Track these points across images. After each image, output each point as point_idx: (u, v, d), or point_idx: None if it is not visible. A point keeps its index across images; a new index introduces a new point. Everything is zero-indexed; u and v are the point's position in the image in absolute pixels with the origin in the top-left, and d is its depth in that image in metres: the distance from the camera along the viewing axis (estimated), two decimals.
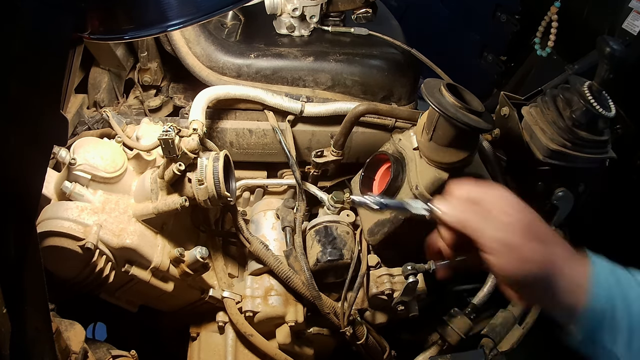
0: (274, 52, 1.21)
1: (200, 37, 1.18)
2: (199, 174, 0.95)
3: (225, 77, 1.20)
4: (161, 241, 1.00)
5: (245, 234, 1.09)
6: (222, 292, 1.08)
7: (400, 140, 1.13)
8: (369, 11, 1.29)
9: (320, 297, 1.07)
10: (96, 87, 1.26)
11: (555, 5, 1.79)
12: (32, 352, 0.63)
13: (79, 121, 1.21)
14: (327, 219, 1.14)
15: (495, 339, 1.17)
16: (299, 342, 1.16)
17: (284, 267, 1.07)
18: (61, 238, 0.89)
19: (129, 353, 1.02)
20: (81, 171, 0.95)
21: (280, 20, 1.28)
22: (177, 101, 1.29)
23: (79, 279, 0.96)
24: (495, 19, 2.07)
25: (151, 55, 1.30)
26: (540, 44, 1.91)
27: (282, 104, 1.18)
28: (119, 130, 1.08)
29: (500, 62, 2.15)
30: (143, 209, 0.97)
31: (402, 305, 1.12)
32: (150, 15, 0.65)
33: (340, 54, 1.23)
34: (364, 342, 1.11)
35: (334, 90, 1.23)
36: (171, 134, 0.90)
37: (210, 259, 1.09)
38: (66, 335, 0.87)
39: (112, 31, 0.67)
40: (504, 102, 1.22)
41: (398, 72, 1.25)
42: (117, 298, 1.06)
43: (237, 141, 1.22)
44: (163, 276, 1.01)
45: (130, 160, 1.04)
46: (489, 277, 1.22)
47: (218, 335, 1.14)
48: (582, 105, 1.04)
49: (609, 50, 0.96)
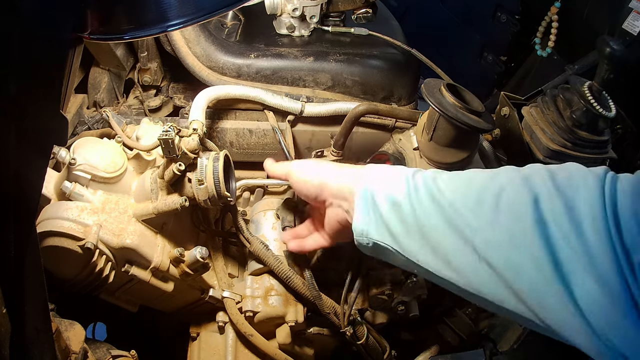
0: (274, 52, 1.21)
1: (200, 37, 1.18)
2: (199, 174, 0.95)
3: (225, 77, 1.20)
4: (161, 241, 1.00)
5: (245, 234, 1.09)
6: (222, 292, 1.08)
7: (401, 140, 1.13)
8: (369, 11, 1.29)
9: (320, 297, 1.07)
10: (96, 87, 1.26)
11: (556, 6, 1.79)
12: (32, 352, 0.63)
13: (79, 121, 1.21)
14: None
15: (495, 339, 1.17)
16: (299, 342, 1.16)
17: (284, 267, 1.07)
18: (61, 238, 0.89)
19: (129, 353, 1.02)
20: (81, 171, 0.95)
21: (280, 21, 1.28)
22: (177, 101, 1.29)
23: (78, 279, 0.96)
24: (495, 19, 2.07)
25: (151, 55, 1.30)
26: (540, 44, 1.91)
27: (282, 104, 1.18)
28: (119, 130, 1.08)
29: (500, 62, 2.15)
30: (143, 209, 0.97)
31: (402, 305, 1.12)
32: (150, 15, 0.65)
33: (341, 54, 1.23)
34: (364, 342, 1.11)
35: (334, 91, 1.23)
36: (171, 134, 0.90)
37: (210, 259, 1.09)
38: (66, 335, 0.87)
39: (112, 31, 0.67)
40: (504, 102, 1.22)
41: (398, 72, 1.25)
42: (117, 298, 1.06)
43: (237, 141, 1.22)
44: (163, 276, 1.01)
45: (130, 160, 1.04)
46: None
47: (218, 335, 1.14)
48: (582, 105, 1.04)
49: (609, 51, 0.96)
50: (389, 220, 0.75)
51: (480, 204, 0.66)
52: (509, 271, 0.61)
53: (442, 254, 0.69)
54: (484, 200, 0.66)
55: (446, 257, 0.68)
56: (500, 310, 0.65)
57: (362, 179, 0.82)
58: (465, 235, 0.65)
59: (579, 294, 0.55)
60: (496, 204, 0.64)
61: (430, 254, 0.70)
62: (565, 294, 0.56)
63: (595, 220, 0.56)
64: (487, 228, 0.64)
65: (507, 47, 2.12)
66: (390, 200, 0.75)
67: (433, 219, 0.69)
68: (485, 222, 0.64)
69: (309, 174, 0.91)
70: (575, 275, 0.56)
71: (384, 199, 0.76)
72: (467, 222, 0.66)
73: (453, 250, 0.67)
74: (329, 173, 0.89)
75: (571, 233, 0.57)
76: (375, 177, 0.81)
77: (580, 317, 0.55)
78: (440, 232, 0.68)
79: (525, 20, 2.01)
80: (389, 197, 0.76)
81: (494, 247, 0.63)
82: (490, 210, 0.64)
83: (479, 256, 0.64)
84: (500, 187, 0.66)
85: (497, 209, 0.64)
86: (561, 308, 0.57)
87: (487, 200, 0.65)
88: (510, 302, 0.62)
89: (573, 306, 0.56)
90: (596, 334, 0.54)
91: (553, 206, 0.60)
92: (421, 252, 0.71)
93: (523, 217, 0.61)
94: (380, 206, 0.76)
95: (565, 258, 0.57)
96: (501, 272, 0.62)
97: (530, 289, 0.60)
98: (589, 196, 0.58)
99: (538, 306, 0.59)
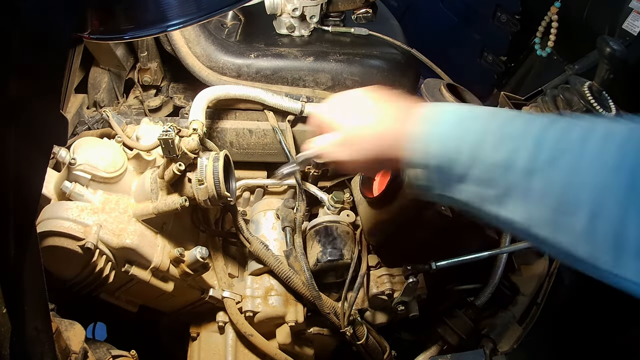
0: (274, 52, 1.21)
1: (200, 37, 1.18)
2: (199, 174, 0.95)
3: (225, 77, 1.20)
4: (161, 241, 1.00)
5: (245, 234, 1.09)
6: (222, 292, 1.08)
7: None
8: (369, 11, 1.29)
9: (320, 297, 1.07)
10: (96, 87, 1.26)
11: (556, 6, 1.79)
12: (32, 352, 0.63)
13: (79, 121, 1.21)
14: (327, 219, 1.14)
15: (495, 339, 1.17)
16: (299, 342, 1.16)
17: (284, 267, 1.07)
18: (61, 238, 0.89)
19: (129, 353, 1.02)
20: (81, 171, 0.95)
21: (280, 20, 1.28)
22: (177, 101, 1.29)
23: (79, 279, 0.96)
24: (495, 19, 2.07)
25: (151, 55, 1.30)
26: (540, 44, 1.91)
27: (282, 104, 1.18)
28: (119, 130, 1.08)
29: (500, 62, 2.15)
30: (143, 209, 0.97)
31: (402, 305, 1.12)
32: (150, 15, 0.65)
33: (341, 54, 1.23)
34: (364, 342, 1.11)
35: (334, 90, 1.23)
36: (171, 134, 0.90)
37: (210, 259, 1.09)
38: (66, 335, 0.87)
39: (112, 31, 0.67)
40: (504, 102, 1.22)
41: (398, 72, 1.25)
42: (117, 298, 1.06)
43: (237, 141, 1.22)
44: (163, 276, 1.01)
45: (130, 160, 1.04)
46: (490, 277, 1.22)
47: (218, 335, 1.14)
48: (582, 105, 1.04)
49: (609, 51, 0.96)
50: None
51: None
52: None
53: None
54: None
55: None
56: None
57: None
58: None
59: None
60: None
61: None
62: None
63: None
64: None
65: (507, 47, 2.12)
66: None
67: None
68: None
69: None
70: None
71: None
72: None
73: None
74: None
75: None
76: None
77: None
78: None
79: (525, 20, 2.01)
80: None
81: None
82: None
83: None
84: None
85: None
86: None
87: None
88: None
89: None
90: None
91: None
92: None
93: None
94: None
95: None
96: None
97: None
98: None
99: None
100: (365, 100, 0.78)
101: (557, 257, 0.61)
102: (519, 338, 1.19)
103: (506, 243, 1.16)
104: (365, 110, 0.77)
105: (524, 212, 0.62)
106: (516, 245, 1.14)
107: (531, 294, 1.26)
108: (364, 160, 0.77)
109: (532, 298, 1.26)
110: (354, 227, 1.17)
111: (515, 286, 1.28)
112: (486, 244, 1.14)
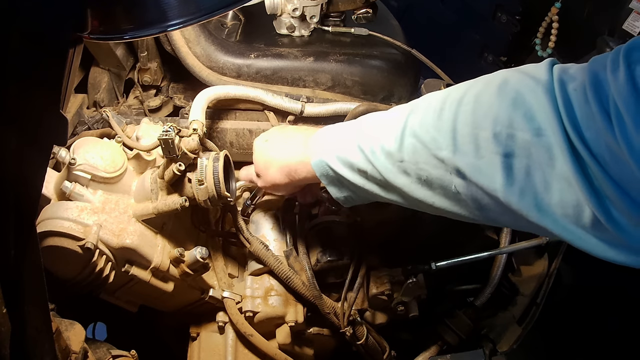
0: (274, 52, 1.21)
1: (200, 37, 1.18)
2: (199, 174, 0.95)
3: (225, 77, 1.20)
4: (161, 241, 1.00)
5: (245, 234, 1.09)
6: (222, 292, 1.08)
7: None
8: (369, 11, 1.29)
9: (320, 297, 1.07)
10: (96, 87, 1.26)
11: (556, 6, 1.79)
12: (32, 352, 0.63)
13: (78, 121, 1.21)
14: (328, 219, 1.14)
15: (495, 339, 1.17)
16: (299, 342, 1.16)
17: (284, 267, 1.07)
18: (61, 238, 0.89)
19: (129, 353, 1.02)
20: (81, 171, 0.95)
21: (280, 20, 1.29)
22: (177, 101, 1.29)
23: (79, 279, 0.96)
24: (495, 19, 2.07)
25: (151, 55, 1.30)
26: (540, 44, 1.91)
27: (282, 104, 1.18)
28: (119, 130, 1.08)
29: (500, 62, 2.15)
30: (143, 209, 0.97)
31: (402, 305, 1.12)
32: (150, 15, 0.65)
33: (341, 54, 1.23)
34: (364, 342, 1.11)
35: (334, 91, 1.23)
36: (171, 134, 0.90)
37: (210, 259, 1.09)
38: (66, 335, 0.87)
39: (112, 31, 0.67)
40: None
41: (398, 72, 1.25)
42: (117, 298, 1.06)
43: (237, 141, 1.22)
44: (163, 276, 1.01)
45: (130, 160, 1.04)
46: (490, 277, 1.22)
47: (218, 335, 1.14)
48: None
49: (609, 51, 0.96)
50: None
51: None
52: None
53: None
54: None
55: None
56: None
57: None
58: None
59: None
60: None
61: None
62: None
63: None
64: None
65: (507, 48, 2.11)
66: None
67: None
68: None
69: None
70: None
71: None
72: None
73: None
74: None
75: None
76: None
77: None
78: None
79: (525, 20, 2.00)
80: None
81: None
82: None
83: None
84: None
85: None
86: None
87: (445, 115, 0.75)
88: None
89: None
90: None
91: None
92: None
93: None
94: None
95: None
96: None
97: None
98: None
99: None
100: (274, 137, 1.01)
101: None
102: (518, 338, 1.19)
103: (506, 243, 1.17)
104: (272, 146, 0.98)
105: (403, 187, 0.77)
106: (516, 246, 1.14)
107: (531, 294, 1.27)
108: (283, 184, 0.97)
109: (531, 298, 1.26)
110: (355, 227, 1.17)
111: (514, 286, 1.28)
112: (486, 245, 1.14)
